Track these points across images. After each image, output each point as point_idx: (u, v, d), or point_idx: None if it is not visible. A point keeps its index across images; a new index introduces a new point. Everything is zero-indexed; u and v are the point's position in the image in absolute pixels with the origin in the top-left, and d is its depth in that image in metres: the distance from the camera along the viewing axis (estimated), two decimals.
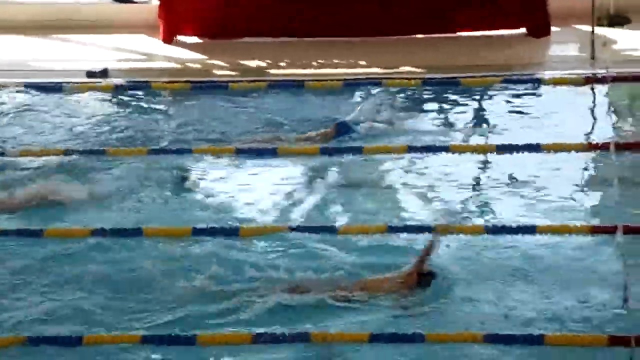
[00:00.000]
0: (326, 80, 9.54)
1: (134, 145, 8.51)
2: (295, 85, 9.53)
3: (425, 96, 9.54)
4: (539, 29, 10.82)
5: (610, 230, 6.27)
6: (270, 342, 5.53)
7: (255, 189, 7.84)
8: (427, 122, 9.10)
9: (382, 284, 6.11)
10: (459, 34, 10.99)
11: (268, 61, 10.68)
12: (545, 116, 9.00)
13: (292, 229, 6.60)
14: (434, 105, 9.42)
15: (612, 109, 8.93)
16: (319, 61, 10.58)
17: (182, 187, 6.59)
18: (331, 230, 6.83)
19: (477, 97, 9.52)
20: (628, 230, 6.15)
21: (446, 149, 8.04)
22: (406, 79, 9.76)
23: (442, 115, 9.25)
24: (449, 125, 8.98)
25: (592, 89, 9.20)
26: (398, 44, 10.86)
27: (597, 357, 5.23)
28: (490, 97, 9.50)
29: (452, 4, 10.93)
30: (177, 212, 7.37)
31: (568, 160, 7.86)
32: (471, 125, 8.85)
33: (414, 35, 11.05)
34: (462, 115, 9.18)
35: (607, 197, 7.40)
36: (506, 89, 9.41)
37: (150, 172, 7.91)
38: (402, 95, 9.51)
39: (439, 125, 8.97)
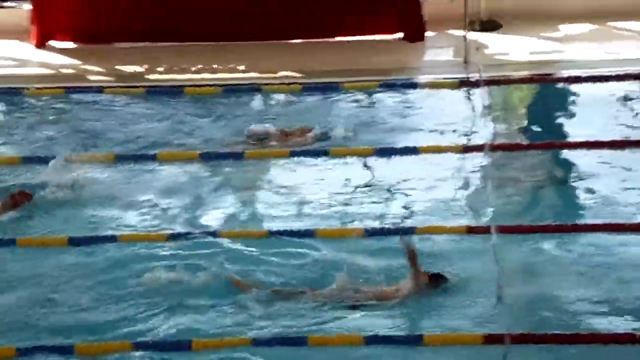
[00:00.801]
0: (205, 85, 9.49)
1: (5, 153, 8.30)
2: (172, 91, 9.45)
3: (306, 101, 9.59)
4: (414, 34, 11.02)
5: (485, 230, 6.43)
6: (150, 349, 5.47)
7: (134, 194, 7.73)
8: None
9: (393, 289, 6.10)
10: (337, 39, 11.09)
11: (145, 66, 10.54)
12: (421, 119, 9.17)
13: (169, 238, 6.54)
14: (314, 109, 9.47)
15: (485, 111, 9.15)
16: (198, 66, 10.51)
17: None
18: (213, 234, 6.81)
19: (357, 101, 9.62)
20: (502, 230, 6.32)
21: (326, 153, 8.11)
22: (286, 84, 9.79)
23: (322, 120, 9.30)
24: (329, 129, 9.03)
25: (467, 92, 9.43)
26: (277, 48, 10.88)
27: (474, 355, 5.35)
28: (369, 101, 9.61)
29: (330, 9, 11.02)
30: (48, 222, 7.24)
31: (444, 161, 8.03)
32: (350, 129, 8.91)
33: (293, 40, 11.09)
34: (342, 120, 9.25)
35: (482, 198, 7.58)
36: (384, 93, 9.55)
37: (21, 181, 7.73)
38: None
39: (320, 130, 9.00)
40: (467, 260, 6.57)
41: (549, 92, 9.64)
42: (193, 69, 10.47)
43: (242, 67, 10.45)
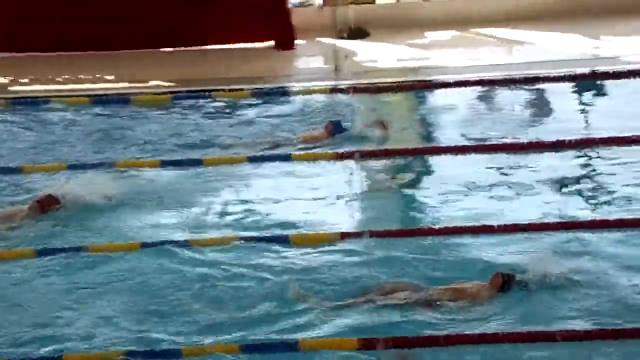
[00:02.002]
0: (72, 96, 9.30)
1: None
2: (38, 102, 9.22)
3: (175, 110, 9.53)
4: (285, 42, 11.12)
5: (358, 235, 6.52)
6: None
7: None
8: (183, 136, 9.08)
9: (466, 289, 5.99)
10: (208, 47, 11.07)
11: (10, 77, 10.27)
12: (293, 127, 9.23)
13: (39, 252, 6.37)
14: (189, 118, 9.42)
15: (355, 117, 9.30)
16: (65, 76, 10.30)
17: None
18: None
19: (227, 110, 9.62)
20: (373, 235, 6.42)
21: (200, 162, 8.11)
22: (156, 93, 9.70)
23: (195, 129, 9.26)
24: (206, 138, 8.99)
25: (337, 99, 9.56)
26: (147, 58, 10.77)
27: None
28: (240, 110, 9.63)
29: (199, 18, 11.00)
30: None
31: (318, 169, 8.11)
32: (224, 137, 8.90)
33: (163, 49, 11.01)
34: (217, 128, 9.24)
35: (354, 204, 7.69)
36: (255, 101, 9.58)
37: None
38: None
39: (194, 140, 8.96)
40: (343, 266, 6.63)
41: (417, 98, 9.87)
42: (60, 79, 10.26)
43: (110, 77, 10.30)
